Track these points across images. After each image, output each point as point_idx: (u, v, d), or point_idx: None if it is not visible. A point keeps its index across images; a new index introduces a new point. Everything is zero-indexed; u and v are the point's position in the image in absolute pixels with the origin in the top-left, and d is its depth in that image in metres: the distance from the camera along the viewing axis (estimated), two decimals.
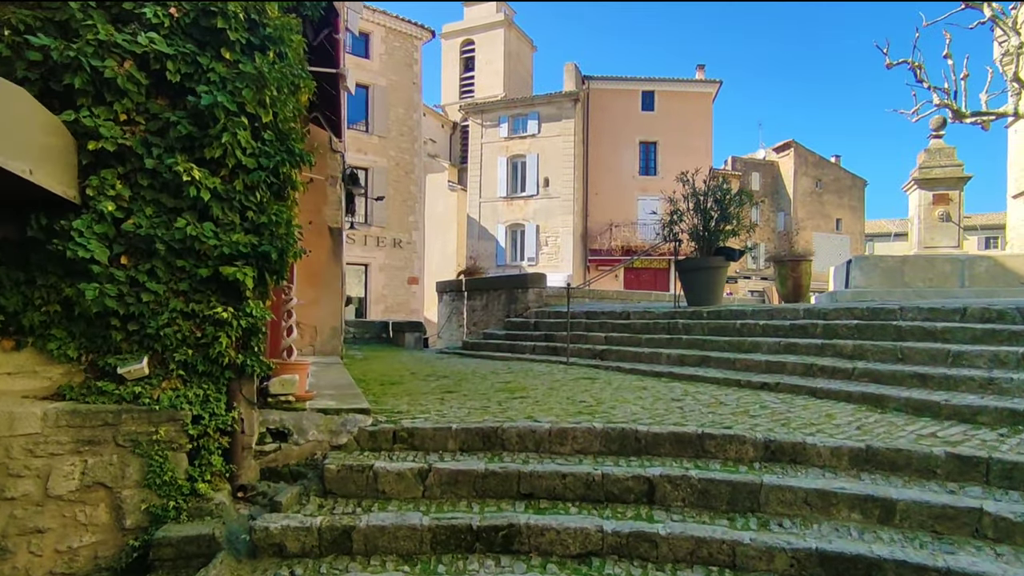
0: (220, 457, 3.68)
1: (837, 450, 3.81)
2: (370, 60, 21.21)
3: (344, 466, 3.83)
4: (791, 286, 10.59)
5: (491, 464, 3.92)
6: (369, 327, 14.46)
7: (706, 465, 3.91)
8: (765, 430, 4.13)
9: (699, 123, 29.47)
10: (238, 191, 3.66)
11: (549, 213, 28.21)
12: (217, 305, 3.61)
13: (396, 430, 4.24)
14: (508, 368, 8.00)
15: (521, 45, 37.54)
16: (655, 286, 29.41)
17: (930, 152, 12.53)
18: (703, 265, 8.85)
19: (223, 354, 3.64)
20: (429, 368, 8.20)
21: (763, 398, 5.29)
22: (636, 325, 8.73)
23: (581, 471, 3.80)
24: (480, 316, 13.28)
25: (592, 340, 8.90)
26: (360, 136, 20.80)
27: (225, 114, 3.53)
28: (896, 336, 5.90)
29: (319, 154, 9.07)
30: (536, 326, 10.62)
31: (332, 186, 9.09)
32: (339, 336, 9.17)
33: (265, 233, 3.74)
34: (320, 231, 9.03)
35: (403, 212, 22.12)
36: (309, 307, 8.93)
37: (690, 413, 4.68)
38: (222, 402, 3.70)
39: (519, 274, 11.67)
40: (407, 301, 21.95)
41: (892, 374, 5.22)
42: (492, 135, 29.25)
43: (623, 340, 8.45)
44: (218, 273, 3.61)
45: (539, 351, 9.39)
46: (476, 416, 4.63)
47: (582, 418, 4.50)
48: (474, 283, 13.70)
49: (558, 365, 8.09)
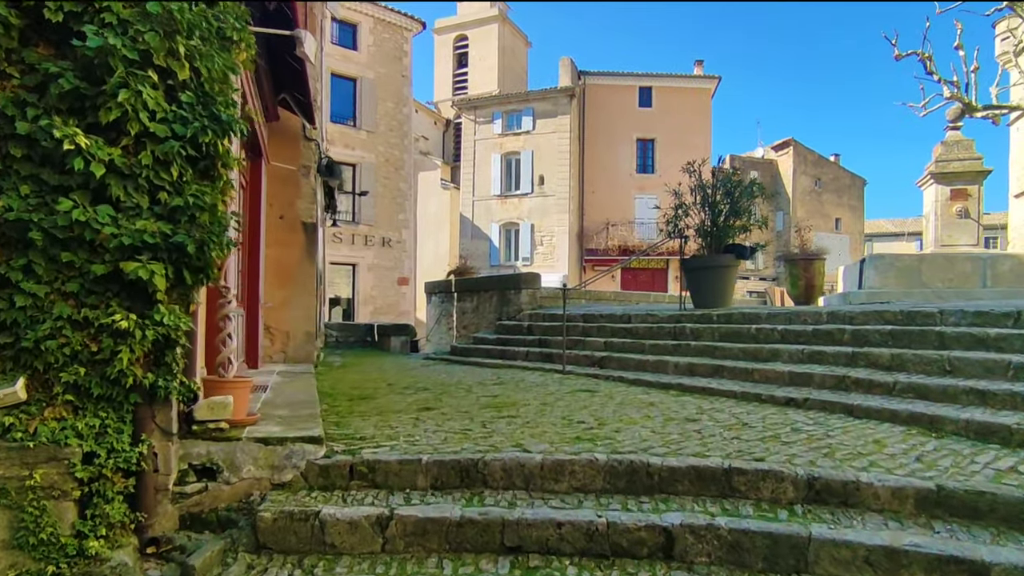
0: (123, 504, 2.89)
1: (900, 491, 3.06)
2: (358, 52, 20.39)
3: (283, 513, 3.05)
4: (803, 287, 9.86)
5: (469, 508, 3.14)
6: (353, 330, 13.66)
7: (736, 509, 3.15)
8: (806, 463, 3.37)
9: (698, 120, 28.79)
10: (145, 166, 2.87)
11: (544, 212, 27.47)
12: (117, 311, 2.83)
13: (354, 463, 3.46)
14: (498, 378, 7.22)
15: (515, 41, 36.80)
16: (653, 287, 28.70)
17: (947, 145, 11.83)
18: (711, 264, 8.10)
19: (125, 373, 2.85)
20: (410, 378, 7.41)
21: (792, 417, 4.53)
22: (639, 329, 7.97)
23: (581, 518, 3.03)
24: (471, 319, 12.50)
25: (590, 346, 8.13)
26: (347, 131, 20.00)
27: (125, 65, 2.75)
28: (939, 344, 5.16)
29: (291, 142, 8.28)
30: (530, 330, 9.85)
31: (305, 177, 8.30)
32: (313, 341, 8.38)
33: (181, 220, 2.96)
34: (292, 226, 8.24)
35: (393, 210, 21.30)
36: (280, 310, 8.13)
37: (710, 439, 3.92)
38: (125, 434, 2.91)
39: (512, 274, 10.90)
40: (397, 302, 21.15)
41: (942, 389, 4.47)
42: (486, 132, 28.49)
43: (625, 346, 7.69)
44: (119, 270, 2.83)
45: (532, 357, 8.62)
46: (454, 443, 3.86)
47: (581, 445, 3.74)
48: (464, 283, 12.92)
49: (553, 374, 7.32)
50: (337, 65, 19.61)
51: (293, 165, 8.01)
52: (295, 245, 8.23)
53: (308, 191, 8.34)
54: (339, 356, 11.07)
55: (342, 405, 5.25)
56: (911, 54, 15.06)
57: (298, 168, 8.17)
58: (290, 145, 8.13)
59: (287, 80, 6.87)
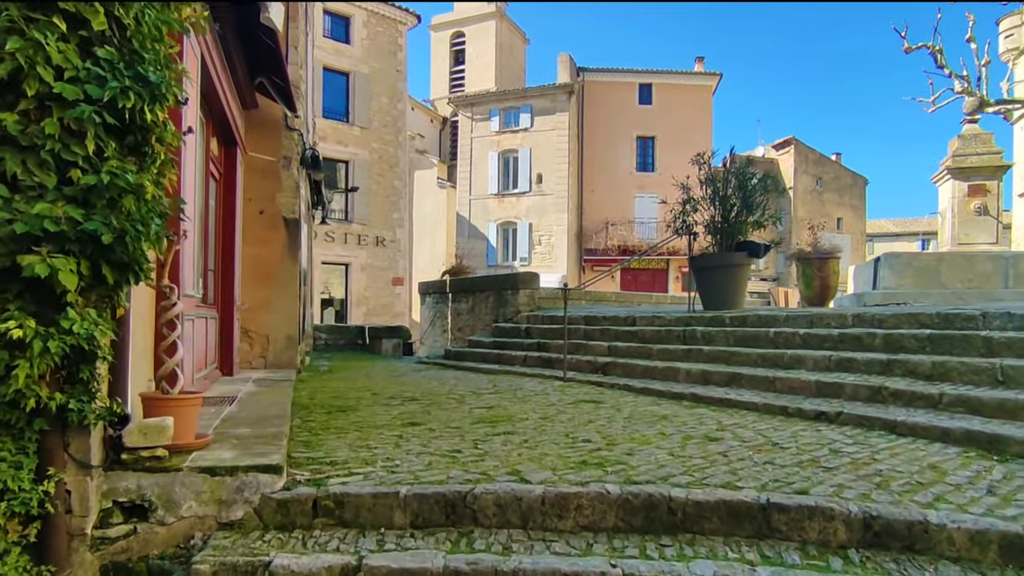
0: (22, 557, 2.33)
1: (980, 535, 2.51)
2: (351, 46, 19.82)
3: (225, 564, 2.48)
4: (817, 287, 9.32)
5: (455, 555, 2.58)
6: (344, 333, 13.09)
7: (778, 555, 2.60)
8: (857, 496, 2.82)
9: (698, 117, 28.28)
10: (50, 136, 2.31)
11: (542, 211, 26.93)
12: (14, 317, 2.26)
13: (319, 497, 2.90)
14: (493, 386, 6.66)
15: (513, 38, 36.28)
16: (653, 287, 28.18)
17: (964, 139, 11.29)
18: (722, 262, 7.55)
19: (24, 393, 2.29)
20: (398, 385, 6.85)
21: (827, 435, 3.98)
22: (645, 333, 7.42)
23: (591, 568, 2.48)
24: (466, 320, 11.94)
25: (593, 350, 7.58)
26: (340, 127, 19.41)
27: (17, 6, 2.18)
28: (987, 351, 4.62)
29: (271, 131, 7.71)
30: (528, 332, 9.30)
31: (287, 169, 7.74)
32: (296, 345, 7.81)
33: (98, 204, 2.39)
34: (273, 222, 7.68)
35: (387, 208, 20.72)
36: (259, 312, 7.56)
37: (739, 463, 3.36)
38: (26, 469, 2.35)
39: (509, 274, 10.36)
40: (391, 303, 20.57)
41: (998, 404, 3.93)
42: (483, 129, 27.95)
43: (630, 351, 7.14)
44: (16, 265, 2.27)
45: (531, 362, 8.07)
46: (440, 468, 3.30)
47: (589, 472, 3.18)
48: (459, 284, 12.36)
49: (553, 381, 6.76)
50: (329, 59, 19.04)
51: (273, 156, 7.45)
52: (276, 243, 7.67)
53: (290, 185, 7.78)
54: (327, 360, 10.50)
55: (317, 419, 4.69)
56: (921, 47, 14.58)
57: (279, 160, 7.60)
58: (270, 135, 7.56)
59: (263, 63, 6.31)
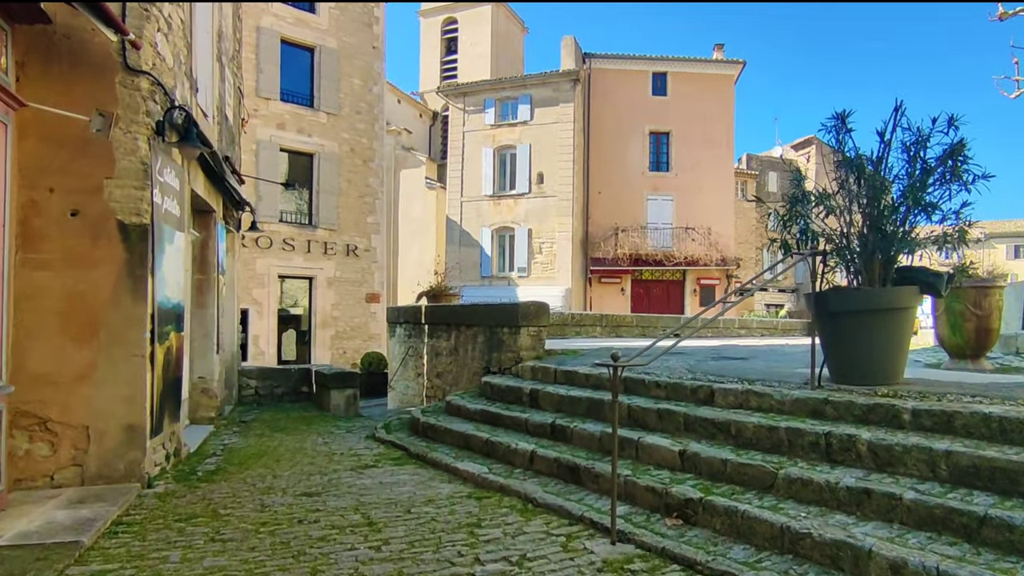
0: None
1: None
2: (316, 15, 16.59)
3: None
4: (972, 331, 6.13)
5: None
6: (282, 378, 9.81)
7: None
8: None
9: (719, 110, 25.19)
10: None
11: (543, 215, 23.76)
12: None
13: None
14: (473, 536, 3.44)
15: (511, 25, 33.22)
16: (668, 302, 25.03)
17: None
18: (875, 304, 4.39)
19: None
20: (302, 510, 3.60)
21: None
22: (742, 429, 4.20)
23: None
24: (447, 364, 8.74)
25: (652, 456, 4.35)
26: (302, 112, 16.19)
27: None
28: None
29: (92, 74, 4.48)
30: (534, 400, 6.11)
31: (129, 140, 4.55)
32: (142, 442, 4.58)
33: None
34: (98, 230, 4.49)
35: (360, 211, 17.47)
36: (72, 387, 4.34)
37: None
38: None
39: (507, 304, 7.09)
40: (365, 324, 17.32)
41: None
42: (476, 122, 24.78)
43: (727, 470, 3.91)
44: None
45: (542, 467, 4.85)
46: None
47: None
48: (439, 313, 9.17)
49: (588, 539, 3.55)
50: (289, 30, 15.83)
51: (84, 113, 4.23)
52: (105, 265, 4.46)
53: (134, 168, 4.57)
54: (237, 429, 7.26)
55: None
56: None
57: (110, 118, 4.40)
58: (90, 79, 4.36)
59: None
